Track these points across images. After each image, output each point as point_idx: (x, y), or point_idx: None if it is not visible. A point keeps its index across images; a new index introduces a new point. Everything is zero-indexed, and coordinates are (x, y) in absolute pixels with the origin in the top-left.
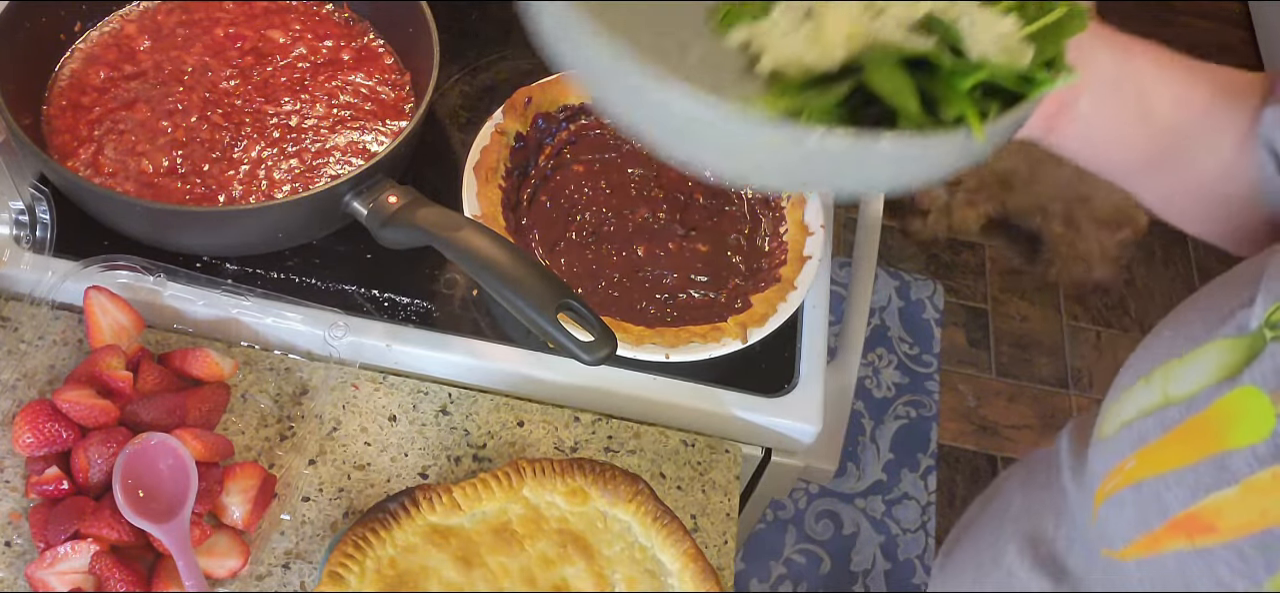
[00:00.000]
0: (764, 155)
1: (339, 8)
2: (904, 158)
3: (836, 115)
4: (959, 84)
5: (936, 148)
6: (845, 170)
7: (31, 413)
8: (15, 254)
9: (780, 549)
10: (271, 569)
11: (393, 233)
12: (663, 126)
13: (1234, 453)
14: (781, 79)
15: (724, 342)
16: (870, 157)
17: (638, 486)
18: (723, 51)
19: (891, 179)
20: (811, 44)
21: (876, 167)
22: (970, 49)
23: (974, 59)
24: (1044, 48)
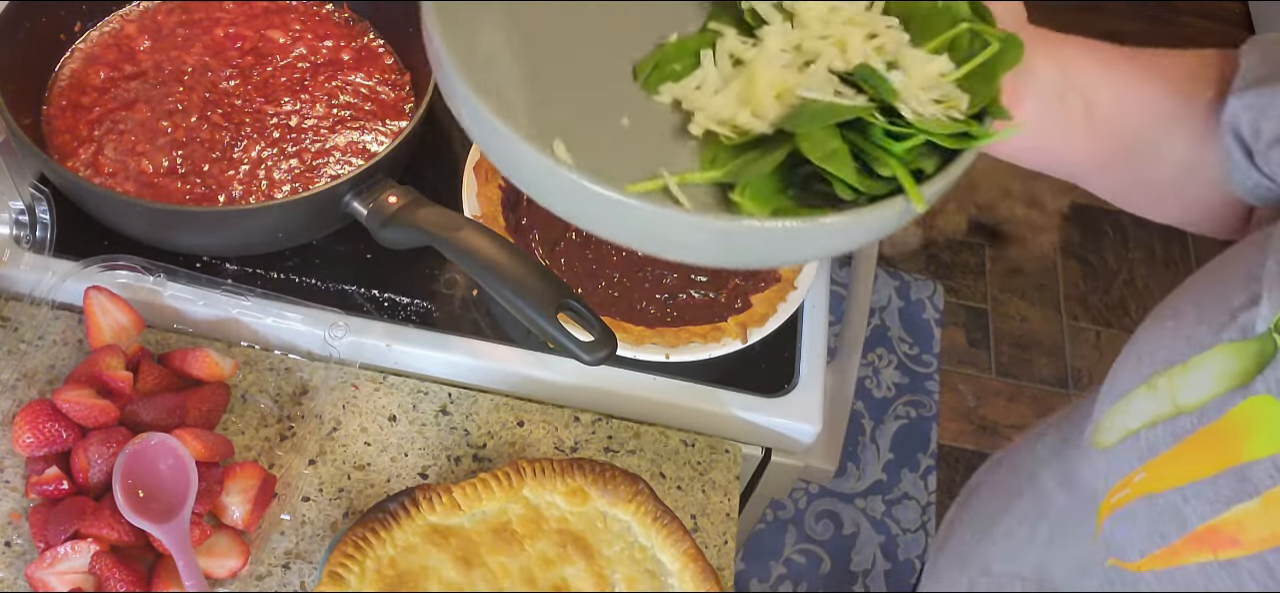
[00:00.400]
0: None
1: (339, 8)
2: (843, 231)
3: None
4: (894, 148)
5: (874, 218)
6: (783, 248)
7: (31, 413)
8: (15, 254)
9: (780, 549)
10: (271, 569)
11: (393, 233)
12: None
13: (1254, 464)
14: (715, 141)
15: (724, 342)
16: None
17: (638, 486)
18: (656, 111)
19: (831, 249)
20: (742, 104)
21: (816, 241)
22: (904, 102)
23: (907, 115)
24: (979, 90)
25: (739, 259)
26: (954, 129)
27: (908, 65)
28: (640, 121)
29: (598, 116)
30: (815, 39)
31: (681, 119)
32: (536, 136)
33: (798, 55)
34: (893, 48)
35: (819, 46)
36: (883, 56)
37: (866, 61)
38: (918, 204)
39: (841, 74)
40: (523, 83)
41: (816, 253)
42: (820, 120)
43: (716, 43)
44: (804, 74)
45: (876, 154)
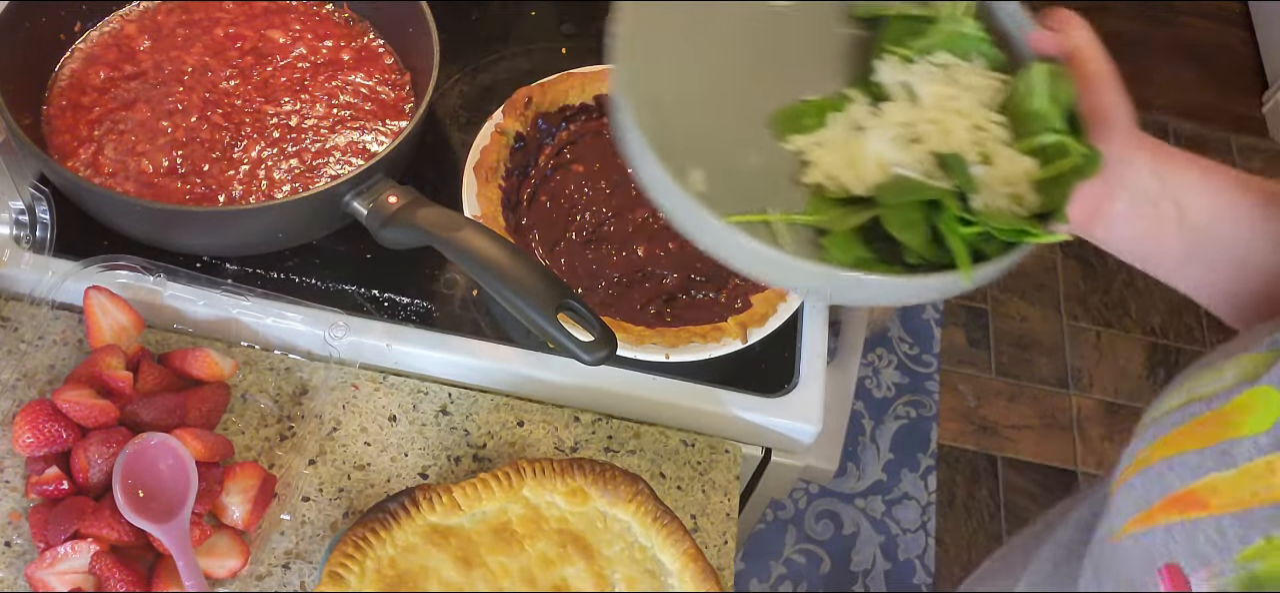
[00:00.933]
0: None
1: (339, 8)
2: (902, 289)
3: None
4: (960, 231)
5: (929, 285)
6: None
7: (31, 413)
8: (15, 254)
9: (780, 549)
10: (271, 569)
11: (393, 233)
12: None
13: (1239, 441)
14: (822, 192)
15: (724, 342)
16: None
17: (638, 486)
18: (780, 155)
19: (890, 300)
20: (849, 167)
21: (879, 293)
22: (979, 195)
23: (977, 207)
24: (1052, 194)
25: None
26: (1014, 226)
27: (997, 159)
28: (769, 163)
29: (733, 152)
30: (927, 121)
31: (799, 168)
32: (676, 167)
33: (908, 131)
34: (990, 143)
35: (927, 130)
36: (979, 149)
37: (959, 152)
38: (966, 282)
39: (939, 156)
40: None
41: (877, 301)
42: (906, 195)
43: (846, 108)
44: (906, 150)
45: (946, 234)
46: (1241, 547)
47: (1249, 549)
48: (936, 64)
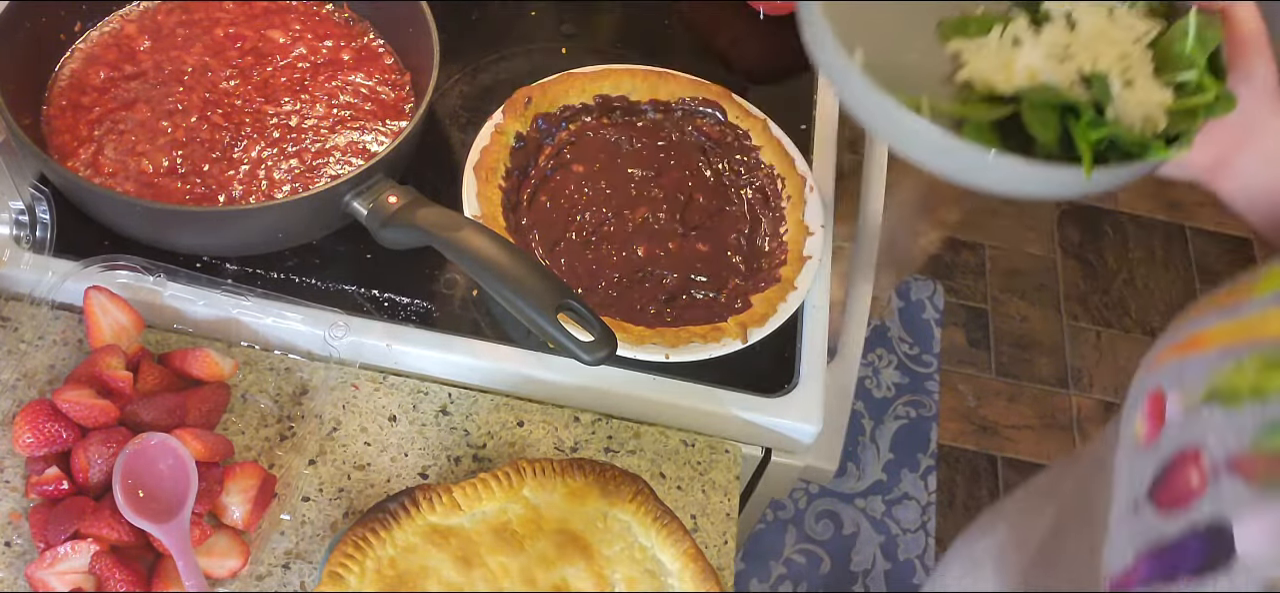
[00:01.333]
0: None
1: (339, 8)
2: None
3: (993, 128)
4: (1088, 133)
5: (1050, 173)
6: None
7: (31, 413)
8: (15, 254)
9: (780, 549)
10: (271, 569)
11: (393, 233)
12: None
13: (1250, 301)
14: (969, 89)
15: (724, 342)
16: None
17: (638, 485)
18: (936, 57)
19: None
20: (998, 71)
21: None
22: (1112, 110)
23: (1109, 119)
24: (1180, 124)
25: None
26: (1139, 137)
27: (1137, 85)
28: (924, 57)
29: (896, 45)
30: (1080, 46)
31: (954, 68)
32: (845, 40)
33: (1061, 51)
34: (1134, 72)
35: (1079, 52)
36: (1125, 76)
37: (1105, 71)
38: (1085, 178)
39: (1084, 75)
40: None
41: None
42: (1047, 98)
43: (1008, 23)
44: (1055, 65)
45: (1076, 136)
46: (1215, 369)
47: (1219, 370)
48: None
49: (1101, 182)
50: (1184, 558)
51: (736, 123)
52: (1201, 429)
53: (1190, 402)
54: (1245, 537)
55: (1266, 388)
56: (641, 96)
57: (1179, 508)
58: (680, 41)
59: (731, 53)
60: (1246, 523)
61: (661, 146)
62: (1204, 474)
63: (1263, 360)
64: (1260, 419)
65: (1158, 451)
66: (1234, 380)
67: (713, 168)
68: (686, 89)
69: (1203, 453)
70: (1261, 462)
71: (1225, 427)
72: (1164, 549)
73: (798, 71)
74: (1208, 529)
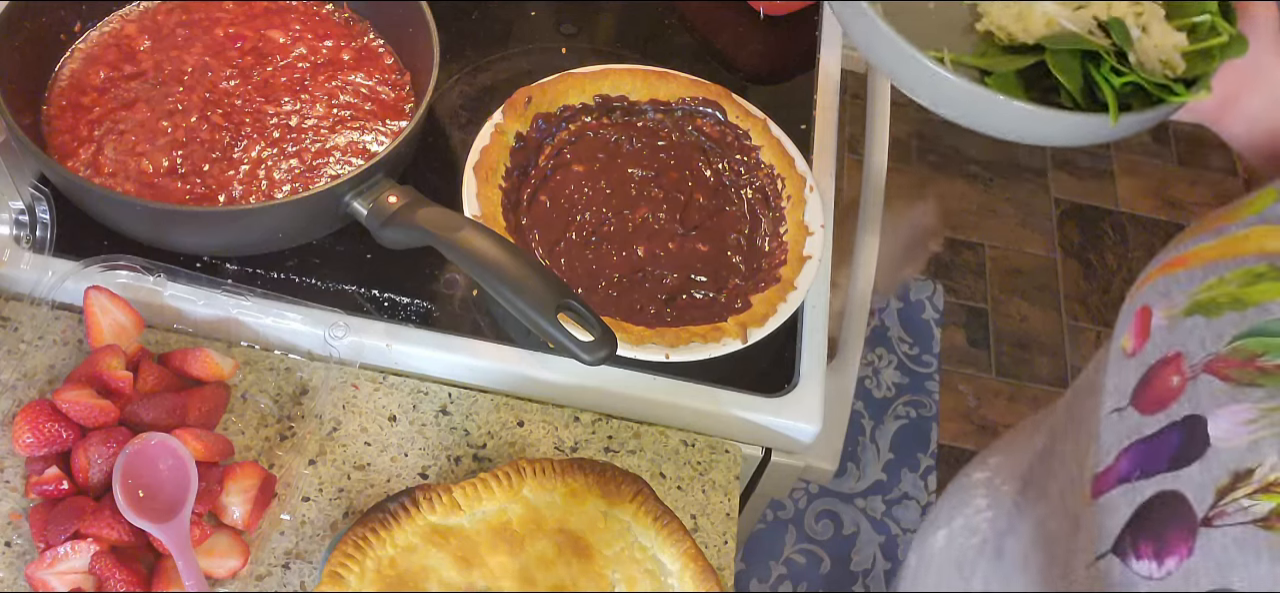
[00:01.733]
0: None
1: (339, 8)
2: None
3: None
4: (1112, 79)
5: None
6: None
7: (31, 413)
8: (15, 254)
9: (780, 549)
10: (271, 569)
11: (393, 233)
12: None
13: (1233, 223)
14: (990, 39)
15: (724, 342)
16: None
17: (638, 485)
18: (955, 9)
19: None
20: (1018, 20)
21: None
22: (1134, 55)
23: (1131, 62)
24: (1197, 66)
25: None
26: (1160, 81)
27: (1152, 31)
28: (942, 11)
29: None
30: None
31: (972, 20)
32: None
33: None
34: (1147, 17)
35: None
36: (1138, 20)
37: (1121, 17)
38: (1112, 121)
39: (1100, 22)
40: None
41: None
42: (1068, 44)
43: None
44: (1074, 12)
45: (1100, 83)
46: (1199, 284)
47: (1201, 285)
48: None
49: (1126, 127)
50: (1162, 450)
51: (736, 123)
52: (1183, 337)
53: (1173, 314)
54: (1218, 427)
55: (1245, 299)
56: (641, 96)
57: (1160, 408)
58: (680, 41)
59: (731, 53)
60: (1219, 417)
61: (661, 147)
62: (1184, 376)
63: (1244, 274)
64: (1238, 325)
65: (1142, 359)
66: (1216, 293)
67: (713, 168)
68: (686, 89)
69: (1183, 358)
70: (1236, 362)
71: (1206, 333)
72: (1144, 443)
73: (798, 71)
74: (1185, 422)
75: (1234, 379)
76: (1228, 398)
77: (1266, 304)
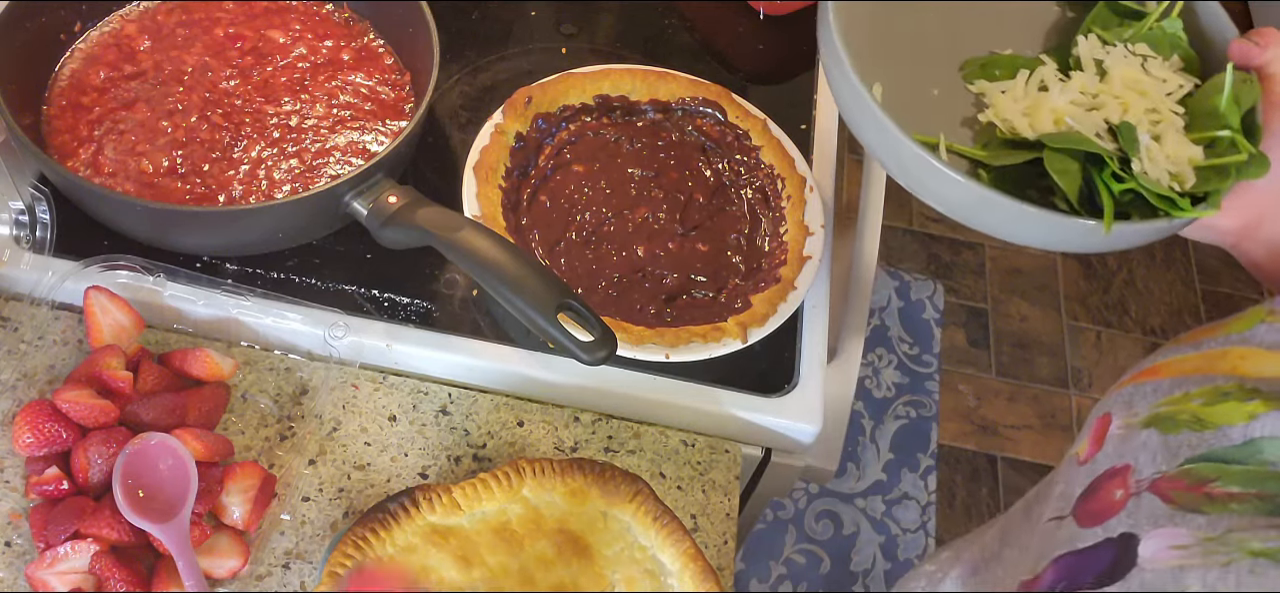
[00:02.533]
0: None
1: (339, 8)
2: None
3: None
4: (1112, 186)
5: (1068, 225)
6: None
7: (31, 413)
8: (15, 254)
9: (780, 549)
10: (271, 569)
11: (393, 233)
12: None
13: (1214, 337)
14: (991, 132)
15: (724, 342)
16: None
17: (637, 486)
18: (959, 95)
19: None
20: (1023, 117)
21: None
22: (1139, 163)
23: (1135, 170)
24: (1210, 182)
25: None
26: (1165, 193)
27: (1166, 140)
28: (946, 96)
29: (917, 82)
30: (1110, 96)
31: (976, 110)
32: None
33: (1089, 101)
34: (1164, 126)
35: (1108, 102)
36: (1154, 130)
37: (1134, 123)
38: (1104, 232)
39: (1111, 125)
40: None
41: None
42: (1071, 145)
43: (1036, 69)
44: (1083, 114)
45: (1099, 187)
46: (1162, 397)
47: (1166, 399)
48: (1134, 52)
49: (1121, 238)
50: (1090, 566)
51: (736, 123)
52: (1135, 450)
53: (1131, 424)
54: (1148, 548)
55: (1206, 419)
56: (641, 96)
57: (1098, 521)
58: (680, 41)
59: (731, 53)
60: (1152, 537)
61: (661, 147)
62: (1128, 491)
63: (1209, 392)
64: (1194, 447)
65: (1092, 468)
66: (1177, 408)
67: (713, 168)
68: (686, 89)
69: (1131, 471)
70: (1182, 484)
71: (1159, 449)
72: (1074, 556)
73: (798, 71)
74: (1120, 540)
75: (1177, 502)
76: (1167, 520)
77: (1226, 428)
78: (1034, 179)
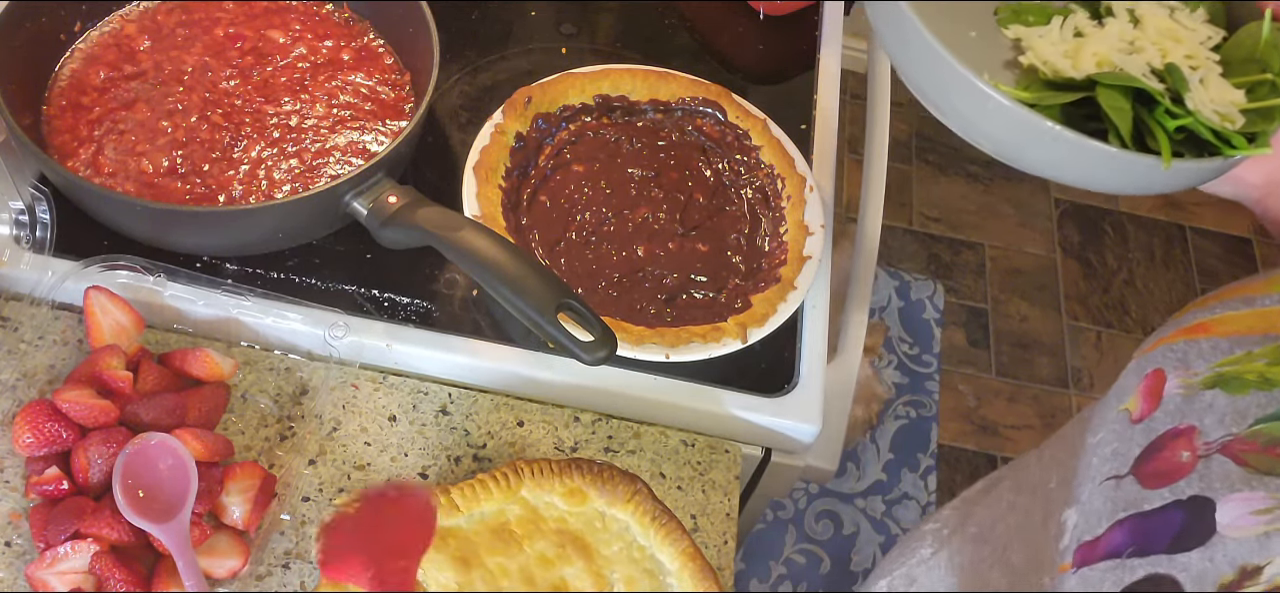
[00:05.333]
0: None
1: (339, 8)
2: (1101, 162)
3: (1061, 113)
4: (1167, 122)
5: (1126, 162)
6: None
7: (31, 413)
8: (15, 254)
9: (780, 549)
10: (271, 569)
11: (393, 233)
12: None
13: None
14: (1034, 73)
15: (724, 342)
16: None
17: (636, 485)
18: (999, 39)
19: (1074, 168)
20: (1066, 58)
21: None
22: (1191, 99)
23: (1188, 105)
24: (1256, 124)
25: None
26: (1218, 128)
27: (1209, 84)
28: (983, 39)
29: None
30: (1147, 41)
31: (1014, 53)
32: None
33: (1127, 46)
34: (1203, 71)
35: (1146, 47)
36: (1194, 72)
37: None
38: (1165, 164)
39: (1153, 69)
40: None
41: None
42: (1121, 82)
43: (1068, 14)
44: (1125, 57)
45: (1152, 126)
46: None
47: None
48: (1164, 2)
49: (1178, 175)
50: (1162, 529)
51: (736, 123)
52: (1200, 411)
53: (1190, 385)
54: (1227, 514)
55: (1274, 379)
56: (641, 96)
57: (1165, 482)
58: (680, 41)
59: (731, 53)
60: (1230, 502)
61: (661, 147)
62: (1195, 452)
63: (1273, 351)
64: (1264, 407)
65: (1150, 426)
66: (1242, 368)
67: (713, 168)
68: (686, 89)
69: (1197, 432)
70: (1255, 446)
71: (1226, 410)
72: (1142, 518)
73: (798, 71)
74: (1190, 502)
75: (1252, 465)
76: (1242, 484)
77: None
78: (1079, 122)
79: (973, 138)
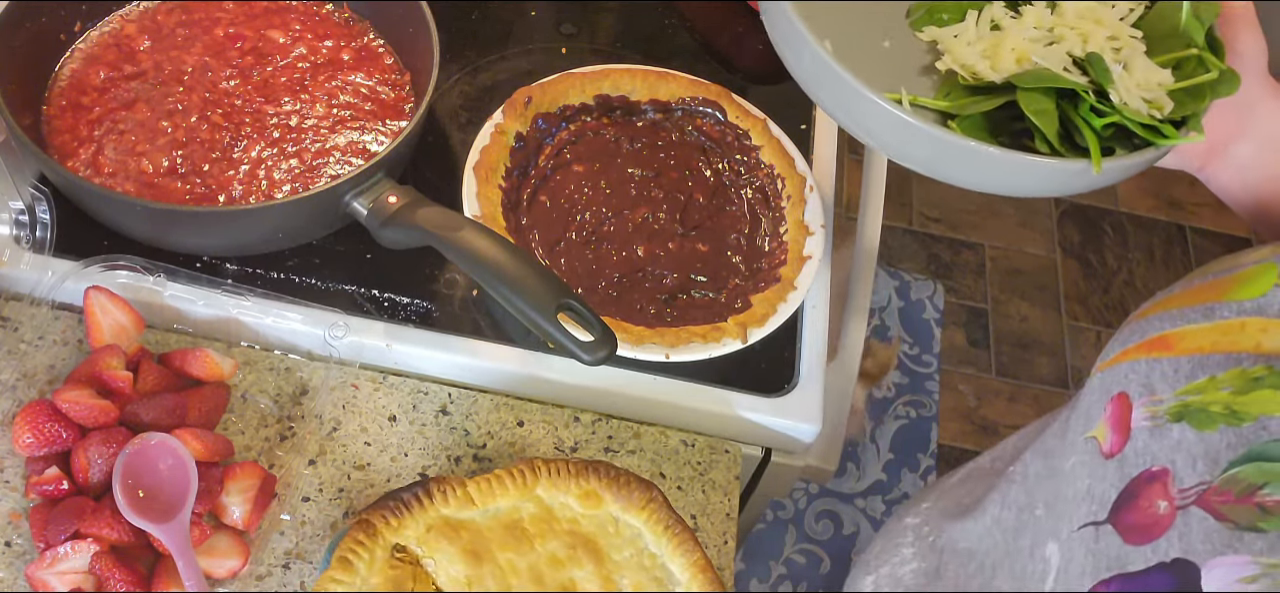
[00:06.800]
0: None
1: (339, 8)
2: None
3: (984, 123)
4: (1094, 121)
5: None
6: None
7: (31, 413)
8: (15, 254)
9: (780, 549)
10: (271, 569)
11: (393, 233)
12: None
13: (1226, 303)
14: (953, 79)
15: (724, 342)
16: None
17: (651, 493)
18: (913, 45)
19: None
20: (984, 59)
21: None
22: (1116, 93)
23: (1114, 100)
24: (1186, 104)
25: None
26: (1147, 121)
27: (1134, 67)
28: (898, 48)
29: (866, 34)
30: (1066, 27)
31: (931, 58)
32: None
33: (1046, 35)
34: (1127, 52)
35: (1066, 33)
36: (1117, 58)
37: (1098, 51)
38: (1095, 168)
39: (1075, 58)
40: None
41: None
42: (1042, 83)
43: (983, 8)
44: (1046, 48)
45: (1079, 124)
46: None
47: (1191, 385)
48: None
49: (1110, 174)
50: None
51: (736, 123)
52: (1170, 450)
53: (1156, 415)
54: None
55: (1241, 412)
56: (641, 96)
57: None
58: (680, 41)
59: (731, 53)
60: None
61: (661, 147)
62: (1172, 503)
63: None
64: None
65: (1122, 466)
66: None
67: (713, 168)
68: (686, 89)
69: (1171, 477)
70: (1231, 497)
71: (1197, 450)
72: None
73: None
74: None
75: (1230, 519)
76: (1224, 545)
77: (1265, 420)
78: (1006, 125)
79: (897, 158)
